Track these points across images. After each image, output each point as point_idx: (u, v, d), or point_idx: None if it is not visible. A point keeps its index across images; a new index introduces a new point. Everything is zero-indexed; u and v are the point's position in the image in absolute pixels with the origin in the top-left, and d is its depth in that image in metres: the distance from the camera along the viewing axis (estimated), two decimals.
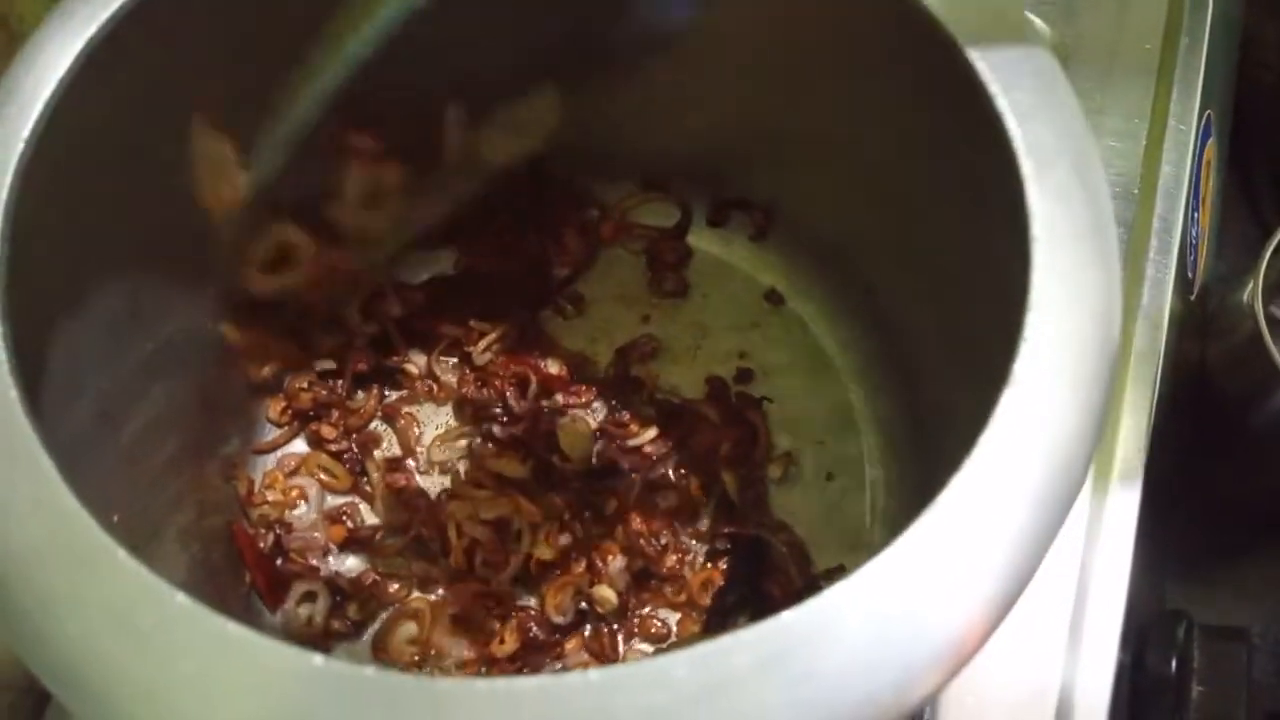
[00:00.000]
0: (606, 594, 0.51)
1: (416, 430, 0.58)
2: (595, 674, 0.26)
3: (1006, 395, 0.29)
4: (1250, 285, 0.61)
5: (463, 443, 0.57)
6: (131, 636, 0.27)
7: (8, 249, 0.33)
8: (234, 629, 0.27)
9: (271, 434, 0.57)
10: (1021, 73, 0.33)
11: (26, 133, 0.34)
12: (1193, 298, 0.65)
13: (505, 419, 0.56)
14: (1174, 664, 0.55)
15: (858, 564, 0.53)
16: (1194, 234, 0.65)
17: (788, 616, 0.27)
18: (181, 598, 0.28)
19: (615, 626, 0.53)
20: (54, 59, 0.34)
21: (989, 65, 0.33)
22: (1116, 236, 0.32)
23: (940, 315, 0.48)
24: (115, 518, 0.42)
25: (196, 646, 0.27)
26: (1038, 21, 0.65)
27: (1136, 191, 0.61)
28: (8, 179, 0.33)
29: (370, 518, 0.56)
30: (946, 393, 0.50)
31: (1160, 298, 0.59)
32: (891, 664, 0.27)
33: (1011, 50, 0.34)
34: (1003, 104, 0.33)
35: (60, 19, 0.35)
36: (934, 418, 0.52)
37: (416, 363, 0.59)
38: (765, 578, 0.53)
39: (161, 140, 0.42)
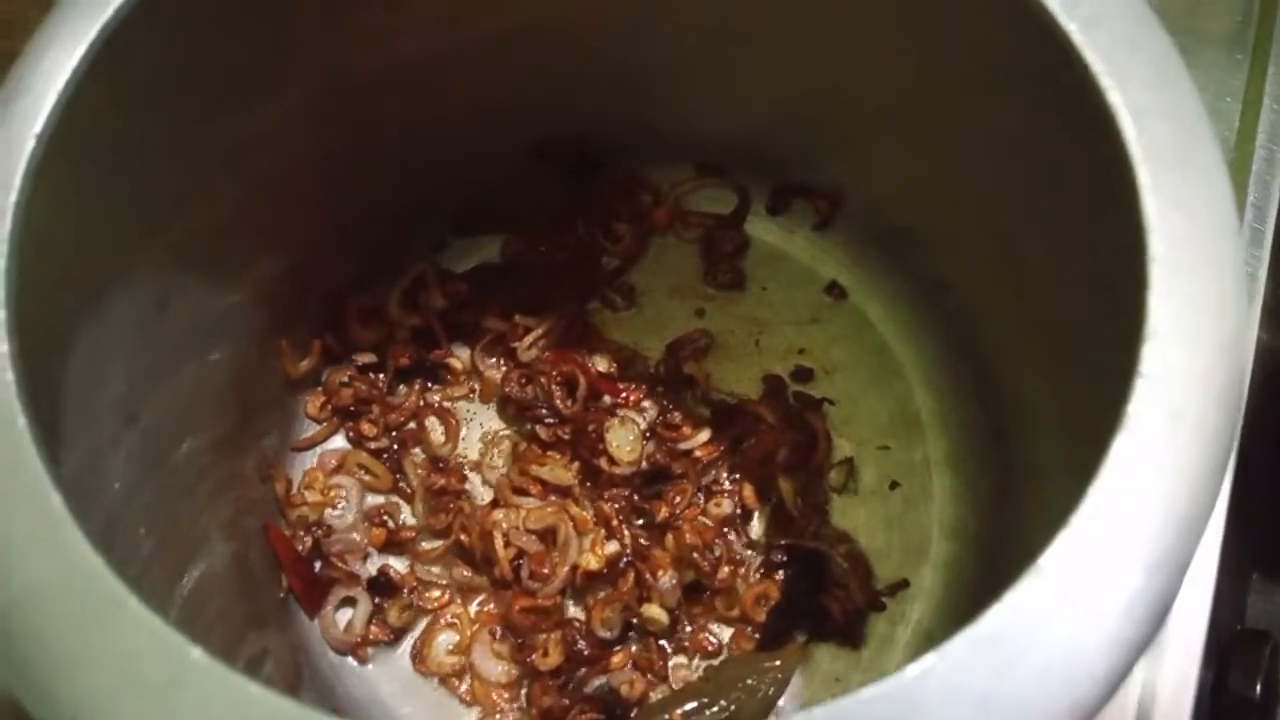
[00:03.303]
0: (656, 614, 0.49)
1: (458, 428, 0.55)
2: None
3: (1119, 440, 0.26)
4: None
5: (506, 446, 0.54)
6: (144, 694, 0.25)
7: (17, 257, 0.30)
8: (253, 689, 0.25)
9: (310, 430, 0.55)
10: (1138, 64, 0.29)
11: (38, 130, 0.31)
12: None
13: (551, 419, 0.53)
14: (1259, 687, 0.52)
15: (922, 578, 0.52)
16: None
17: (868, 694, 0.23)
18: (197, 653, 0.25)
19: (664, 641, 0.50)
20: (64, 52, 0.32)
21: (1100, 55, 0.30)
22: (1243, 255, 0.28)
23: (1026, 321, 0.45)
24: (142, 531, 0.40)
25: (211, 705, 0.25)
26: None
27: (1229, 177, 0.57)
28: (17, 180, 0.30)
29: (411, 519, 0.54)
30: (1029, 402, 0.46)
31: (1251, 292, 0.54)
32: None
33: (1126, 37, 0.30)
34: (1116, 100, 0.29)
35: (67, 10, 0.32)
36: (1012, 426, 0.49)
37: (460, 357, 0.56)
38: (824, 593, 0.50)
39: (181, 128, 0.40)
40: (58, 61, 0.32)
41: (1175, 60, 0.30)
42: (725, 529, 0.51)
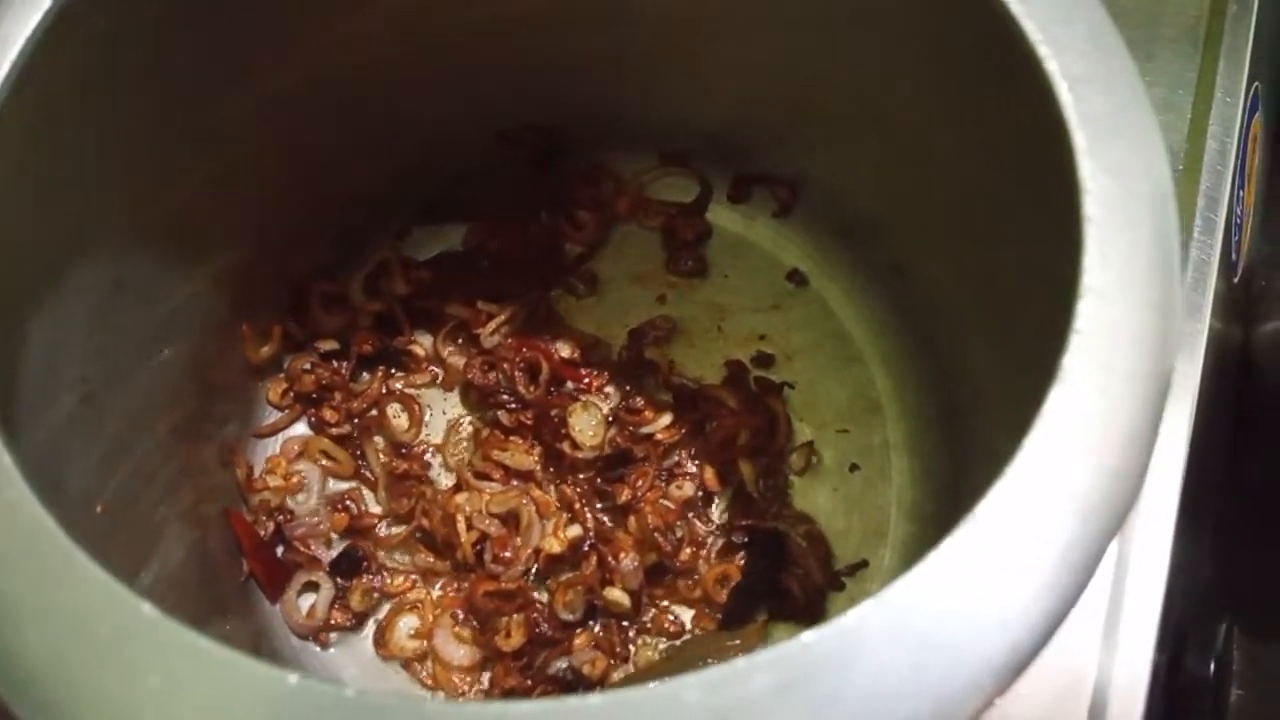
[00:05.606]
0: (618, 597, 0.49)
1: (421, 414, 0.55)
2: (598, 699, 0.24)
3: (1054, 393, 0.26)
4: None
5: (469, 432, 0.54)
6: (94, 648, 0.25)
7: None
8: (204, 642, 0.25)
9: (272, 417, 0.55)
10: (1074, 34, 0.30)
11: None
12: (1236, 280, 0.62)
13: (514, 405, 0.53)
14: (1212, 666, 0.53)
15: (881, 559, 0.52)
16: (1239, 213, 0.62)
17: (808, 637, 0.24)
18: (147, 608, 0.25)
19: (626, 623, 0.50)
20: (18, 23, 0.32)
21: (1037, 25, 0.30)
22: (1176, 218, 0.29)
23: (976, 298, 0.45)
24: (98, 508, 0.40)
25: (163, 660, 0.25)
26: None
27: (1181, 168, 0.58)
28: None
29: (374, 505, 0.54)
30: (982, 381, 0.47)
31: (1204, 280, 0.56)
32: (923, 690, 0.24)
33: (1062, 8, 0.30)
34: (1053, 68, 0.30)
35: None
36: (967, 407, 0.49)
37: (423, 344, 0.56)
38: (784, 573, 0.50)
39: (146, 111, 0.40)
40: (11, 31, 0.32)
41: (1111, 30, 0.31)
42: (687, 511, 0.52)
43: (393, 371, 0.56)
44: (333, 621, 0.51)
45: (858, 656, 0.24)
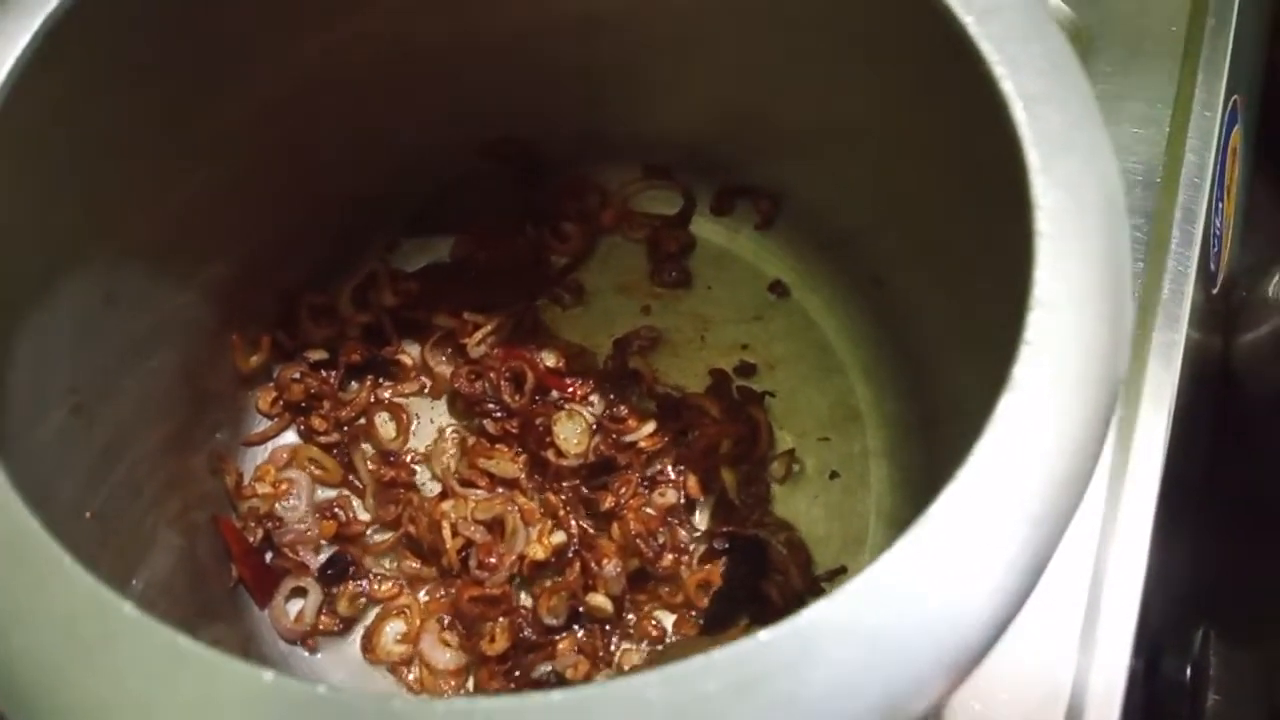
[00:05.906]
0: (601, 602, 0.50)
1: (409, 423, 0.56)
2: (560, 695, 0.24)
3: (1004, 401, 0.27)
4: (1276, 278, 0.59)
5: (455, 440, 0.55)
6: (78, 649, 0.26)
7: None
8: (184, 643, 0.26)
9: (261, 425, 0.56)
10: (1030, 54, 0.31)
11: None
12: (1215, 291, 0.63)
13: (499, 413, 0.54)
14: (1189, 672, 0.54)
15: (861, 565, 0.53)
16: (1218, 225, 0.62)
17: (764, 637, 0.25)
18: (129, 609, 0.26)
19: (609, 628, 0.51)
20: (9, 40, 0.33)
21: (994, 45, 0.31)
22: (1128, 232, 0.30)
23: (950, 309, 0.46)
24: (87, 514, 0.41)
25: (145, 661, 0.26)
26: (1059, 3, 0.63)
27: (1159, 180, 0.59)
28: None
29: (362, 513, 0.55)
30: (957, 389, 0.48)
31: (1181, 291, 0.56)
32: (877, 687, 0.25)
33: (1019, 29, 0.31)
34: (1008, 88, 0.31)
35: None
36: (945, 415, 0.50)
37: (410, 354, 0.57)
38: (764, 579, 0.51)
39: (136, 126, 0.41)
40: (10, 38, 0.33)
41: (1066, 51, 0.32)
42: (669, 518, 0.53)
43: (381, 381, 0.57)
44: (320, 627, 0.52)
45: (813, 654, 0.25)
